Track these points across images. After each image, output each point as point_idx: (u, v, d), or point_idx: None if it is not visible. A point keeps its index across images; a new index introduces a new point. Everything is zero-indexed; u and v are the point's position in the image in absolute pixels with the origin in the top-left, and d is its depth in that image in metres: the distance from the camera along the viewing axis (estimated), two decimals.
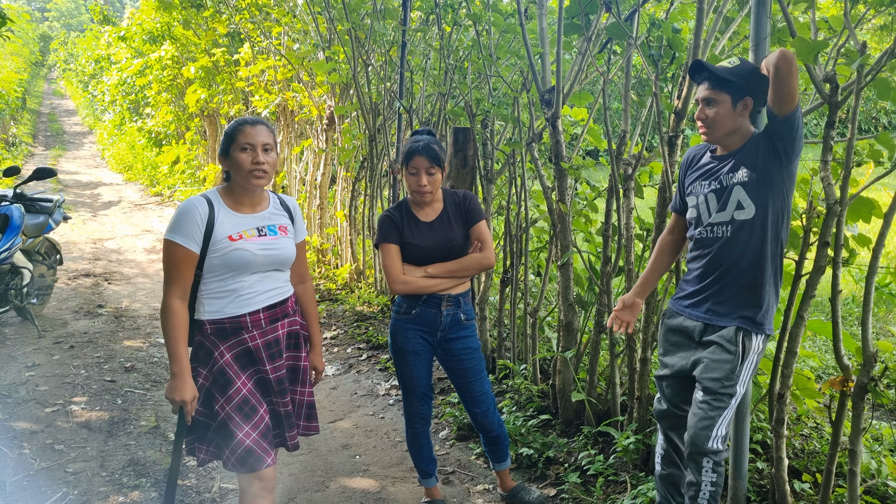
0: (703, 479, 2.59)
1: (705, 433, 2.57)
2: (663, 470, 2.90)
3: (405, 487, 3.66)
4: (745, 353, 2.58)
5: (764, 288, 2.58)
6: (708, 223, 2.66)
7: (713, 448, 2.57)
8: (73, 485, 3.63)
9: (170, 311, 2.47)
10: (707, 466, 2.59)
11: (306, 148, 8.86)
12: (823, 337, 5.07)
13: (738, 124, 2.61)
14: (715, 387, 2.58)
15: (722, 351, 2.59)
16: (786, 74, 2.33)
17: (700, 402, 2.61)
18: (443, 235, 3.13)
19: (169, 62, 12.91)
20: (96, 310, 6.87)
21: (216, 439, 2.55)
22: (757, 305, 2.58)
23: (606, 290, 3.79)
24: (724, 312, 2.61)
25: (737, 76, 2.57)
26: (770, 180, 2.52)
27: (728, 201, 2.59)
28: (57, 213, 6.33)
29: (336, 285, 7.60)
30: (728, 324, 2.60)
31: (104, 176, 18.03)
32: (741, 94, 2.57)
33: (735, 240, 2.58)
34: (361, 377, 5.24)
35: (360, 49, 6.32)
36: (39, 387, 4.89)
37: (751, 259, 2.57)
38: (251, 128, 2.52)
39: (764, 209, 2.53)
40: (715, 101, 2.59)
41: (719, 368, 2.58)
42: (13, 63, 24.64)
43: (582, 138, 4.53)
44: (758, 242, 2.55)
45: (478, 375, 3.25)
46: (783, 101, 2.38)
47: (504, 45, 4.95)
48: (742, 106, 2.58)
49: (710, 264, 2.66)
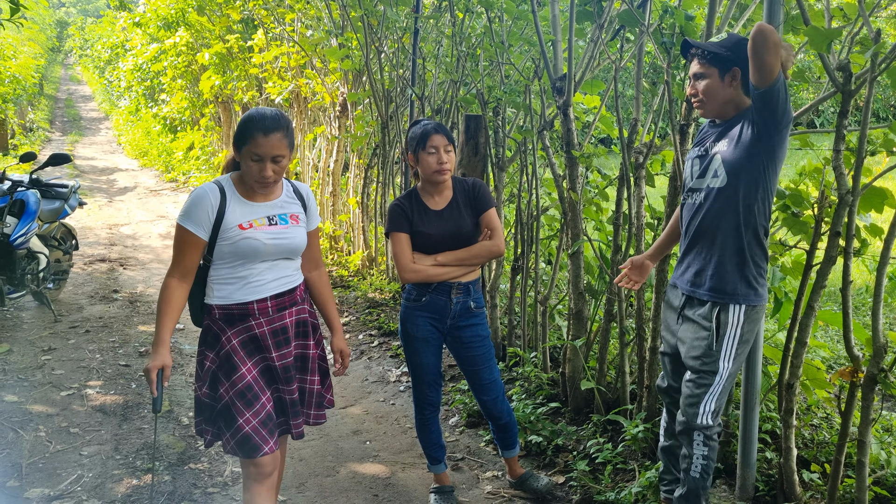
0: (694, 453, 2.68)
1: (693, 410, 2.65)
2: (665, 442, 2.99)
3: (415, 473, 3.69)
4: (722, 328, 2.60)
5: (735, 258, 2.59)
6: (689, 188, 2.74)
7: (702, 424, 2.64)
8: (87, 467, 3.68)
9: (165, 287, 2.53)
10: (698, 440, 2.66)
11: (319, 135, 8.87)
12: (835, 327, 5.04)
13: (730, 95, 2.63)
14: (696, 365, 2.65)
15: (698, 328, 2.65)
16: (761, 48, 2.32)
17: (686, 381, 2.70)
18: (453, 223, 3.14)
19: (183, 48, 12.94)
20: (111, 295, 6.94)
21: (219, 422, 2.59)
22: (726, 276, 2.60)
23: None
24: (699, 283, 2.67)
25: (724, 48, 2.61)
26: (747, 152, 2.54)
27: (707, 168, 2.65)
28: (73, 198, 6.39)
29: (348, 272, 7.63)
30: (701, 297, 2.65)
31: (120, 162, 18.15)
32: (728, 66, 2.60)
33: (708, 207, 2.63)
34: (373, 364, 5.27)
35: (373, 36, 6.31)
36: (55, 370, 4.96)
37: (723, 229, 2.60)
38: (264, 138, 2.44)
39: (736, 180, 2.56)
40: (703, 75, 2.64)
41: (697, 347, 2.65)
42: (30, 49, 24.77)
43: (594, 126, 4.51)
44: (729, 213, 2.58)
45: (487, 363, 3.26)
46: (760, 74, 2.37)
47: (516, 32, 4.92)
48: (730, 77, 2.61)
49: (688, 231, 2.73)
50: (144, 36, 15.48)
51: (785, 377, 2.93)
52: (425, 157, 3.08)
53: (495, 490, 3.51)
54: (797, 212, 3.01)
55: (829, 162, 2.81)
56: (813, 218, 2.92)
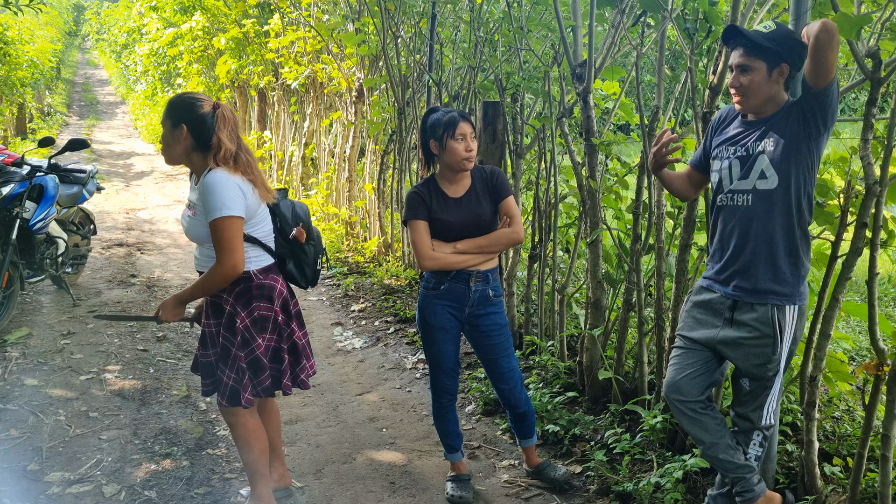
0: (749, 452, 2.69)
1: (757, 414, 2.65)
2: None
3: (431, 461, 3.69)
4: (783, 331, 2.55)
5: (788, 259, 2.54)
6: (729, 189, 2.63)
7: (766, 424, 2.65)
8: (106, 452, 3.71)
9: None
10: (756, 440, 2.69)
11: (335, 120, 8.85)
12: (857, 318, 4.98)
13: (773, 92, 2.54)
14: (760, 372, 2.59)
15: (759, 335, 2.57)
16: (825, 46, 2.25)
17: (748, 390, 2.65)
18: (471, 211, 3.12)
19: (200, 33, 12.92)
20: (129, 279, 6.98)
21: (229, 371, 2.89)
22: (783, 277, 2.55)
23: (636, 267, 3.75)
24: (751, 289, 2.58)
25: (772, 42, 2.49)
26: (797, 152, 2.47)
27: (752, 169, 2.55)
28: (91, 183, 6.41)
29: (364, 258, 7.63)
30: (757, 301, 2.56)
31: (137, 146, 18.23)
32: (777, 61, 2.50)
33: (755, 210, 2.54)
34: (389, 350, 5.27)
35: (390, 21, 6.27)
36: (74, 355, 4.99)
37: (772, 231, 2.53)
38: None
39: (787, 180, 2.49)
40: (750, 69, 2.52)
41: (760, 354, 2.57)
42: (48, 33, 24.84)
43: (613, 113, 4.45)
44: (779, 213, 2.51)
45: (505, 352, 3.25)
46: (820, 74, 2.31)
47: (535, 17, 4.86)
48: (778, 73, 2.52)
49: (731, 234, 2.62)
50: (161, 20, 15.46)
51: (808, 369, 2.90)
52: (454, 145, 3.06)
53: (512, 479, 3.50)
54: (822, 202, 2.96)
55: (856, 151, 2.76)
56: (838, 208, 2.87)
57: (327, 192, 9.14)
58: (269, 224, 2.96)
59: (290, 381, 2.99)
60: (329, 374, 4.87)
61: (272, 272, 2.93)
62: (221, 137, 2.74)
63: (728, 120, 2.73)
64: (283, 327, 2.93)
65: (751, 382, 2.63)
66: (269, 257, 2.94)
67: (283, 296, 2.95)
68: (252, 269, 2.85)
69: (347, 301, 6.46)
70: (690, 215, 3.34)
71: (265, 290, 2.87)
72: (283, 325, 2.93)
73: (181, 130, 2.75)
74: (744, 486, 2.65)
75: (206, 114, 2.75)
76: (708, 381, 2.70)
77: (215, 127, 2.74)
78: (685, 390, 2.68)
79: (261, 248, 2.90)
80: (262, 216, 2.90)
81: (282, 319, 2.92)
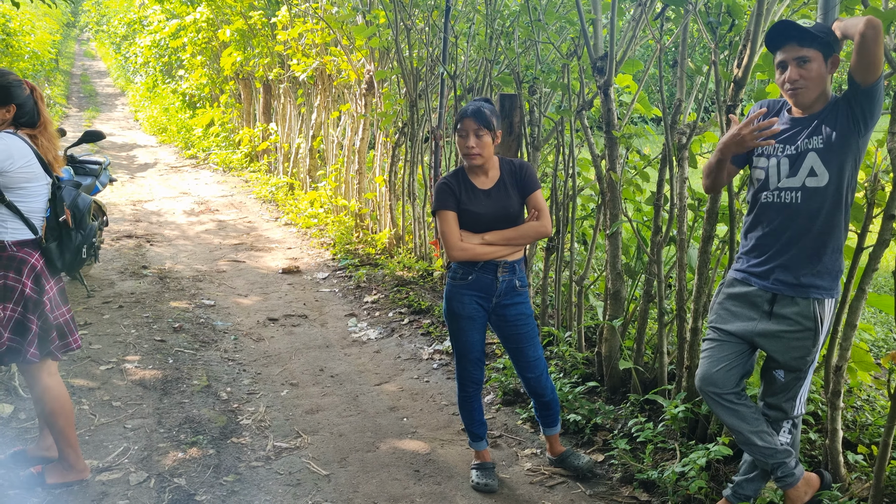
0: (780, 440, 2.74)
1: (790, 404, 2.71)
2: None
3: (454, 450, 3.73)
4: (823, 323, 2.60)
5: (832, 254, 2.58)
6: (776, 187, 2.62)
7: (798, 413, 2.72)
8: (132, 440, 3.75)
9: None
10: (786, 427, 2.74)
11: (344, 113, 8.85)
12: (873, 309, 5.03)
13: (826, 84, 2.55)
14: (798, 364, 2.64)
15: (800, 328, 2.60)
16: (872, 42, 2.28)
17: (783, 380, 2.69)
18: (500, 203, 3.15)
19: (204, 24, 12.89)
20: (141, 271, 7.00)
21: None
22: (826, 272, 2.58)
23: (657, 259, 3.79)
24: (792, 282, 2.60)
25: (823, 33, 2.50)
26: (847, 148, 2.49)
27: (801, 167, 2.55)
28: (104, 175, 6.43)
29: (375, 250, 7.66)
30: (799, 295, 2.59)
31: (138, 138, 18.18)
32: (830, 52, 2.51)
33: (804, 207, 2.55)
34: (404, 341, 5.31)
35: (402, 13, 6.27)
36: (93, 345, 5.02)
37: (820, 228, 2.55)
38: None
39: (838, 177, 2.51)
40: (808, 59, 2.49)
41: (801, 347, 2.61)
42: (46, 24, 24.76)
43: (632, 107, 4.48)
44: (828, 211, 2.53)
45: (532, 341, 3.30)
46: (868, 71, 2.34)
47: (551, 10, 4.88)
48: (831, 64, 2.52)
49: (777, 231, 2.63)
50: (164, 11, 15.42)
51: (833, 360, 2.94)
52: (458, 140, 3.15)
53: (535, 467, 3.55)
54: None
55: (882, 144, 2.80)
56: (864, 199, 2.91)
57: (336, 184, 9.16)
58: (41, 203, 3.16)
59: (38, 352, 3.13)
60: (346, 365, 4.91)
61: (28, 247, 3.12)
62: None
63: (772, 116, 2.70)
64: (29, 301, 3.09)
65: (786, 374, 2.67)
66: (30, 233, 3.12)
67: (35, 270, 3.12)
68: (7, 239, 3.06)
69: (360, 292, 6.49)
70: (713, 207, 3.37)
71: (15, 263, 3.07)
72: (30, 299, 3.09)
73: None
74: (784, 470, 2.71)
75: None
76: (741, 372, 2.73)
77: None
78: (720, 382, 2.71)
79: (21, 221, 3.08)
80: (33, 192, 3.10)
81: (30, 293, 3.08)
